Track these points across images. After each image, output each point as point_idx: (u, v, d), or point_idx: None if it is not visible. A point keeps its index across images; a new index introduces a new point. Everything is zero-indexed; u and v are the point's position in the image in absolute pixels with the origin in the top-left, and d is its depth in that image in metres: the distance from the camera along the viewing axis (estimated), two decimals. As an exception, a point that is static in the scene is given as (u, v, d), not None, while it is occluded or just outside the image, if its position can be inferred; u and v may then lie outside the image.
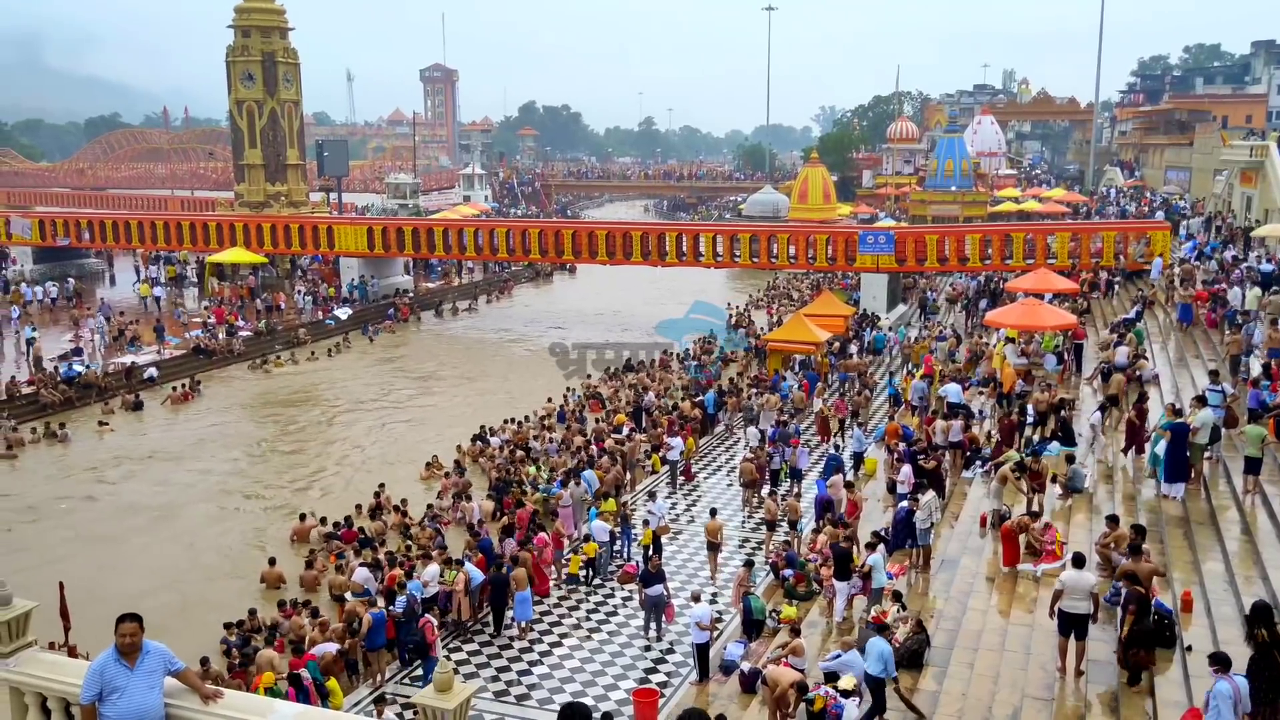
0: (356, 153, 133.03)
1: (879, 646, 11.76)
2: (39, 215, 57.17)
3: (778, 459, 24.15)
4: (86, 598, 16.80)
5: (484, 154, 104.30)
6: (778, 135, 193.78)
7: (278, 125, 55.09)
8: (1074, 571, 12.03)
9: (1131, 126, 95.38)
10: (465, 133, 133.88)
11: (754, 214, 73.22)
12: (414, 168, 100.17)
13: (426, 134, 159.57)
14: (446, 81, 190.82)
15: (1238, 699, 9.03)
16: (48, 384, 32.57)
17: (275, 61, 54.02)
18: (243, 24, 53.61)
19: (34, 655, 6.95)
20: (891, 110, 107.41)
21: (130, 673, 6.28)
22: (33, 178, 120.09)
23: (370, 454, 29.00)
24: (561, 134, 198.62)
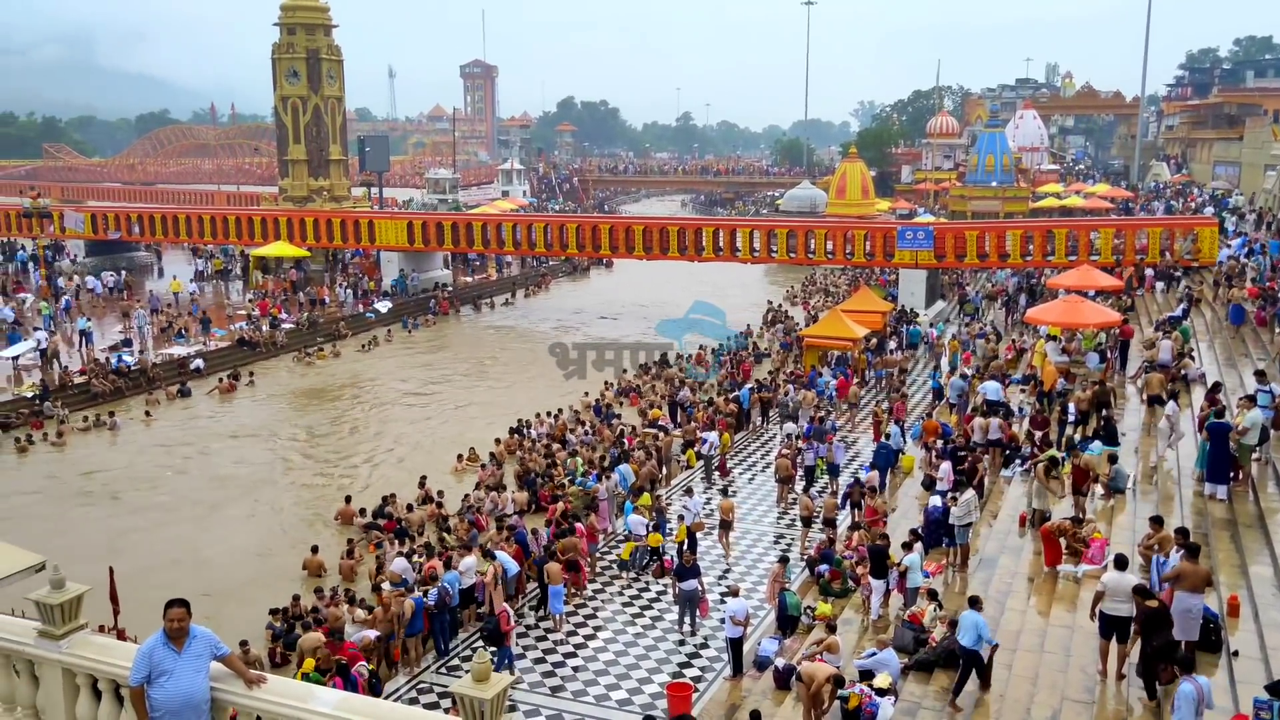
0: (397, 148, 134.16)
1: (971, 618, 11.88)
2: (91, 209, 58.40)
3: (812, 455, 24.09)
4: (134, 582, 17.18)
5: (522, 149, 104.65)
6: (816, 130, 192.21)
7: (321, 121, 55.71)
8: (1116, 573, 11.83)
9: (1179, 120, 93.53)
10: (504, 128, 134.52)
11: (791, 209, 73.02)
12: (453, 163, 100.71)
13: (466, 129, 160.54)
14: (486, 77, 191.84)
15: (1201, 698, 9.46)
16: (99, 374, 33.27)
17: (319, 58, 54.62)
18: (288, 21, 54.25)
19: (85, 638, 7.14)
20: (931, 105, 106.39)
21: (178, 656, 6.45)
22: (85, 173, 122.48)
23: (410, 445, 29.31)
24: (599, 129, 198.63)
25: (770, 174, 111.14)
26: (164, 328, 40.76)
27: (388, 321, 46.14)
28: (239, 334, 40.32)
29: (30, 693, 7.41)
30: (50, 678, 7.19)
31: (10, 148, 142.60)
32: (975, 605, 12.29)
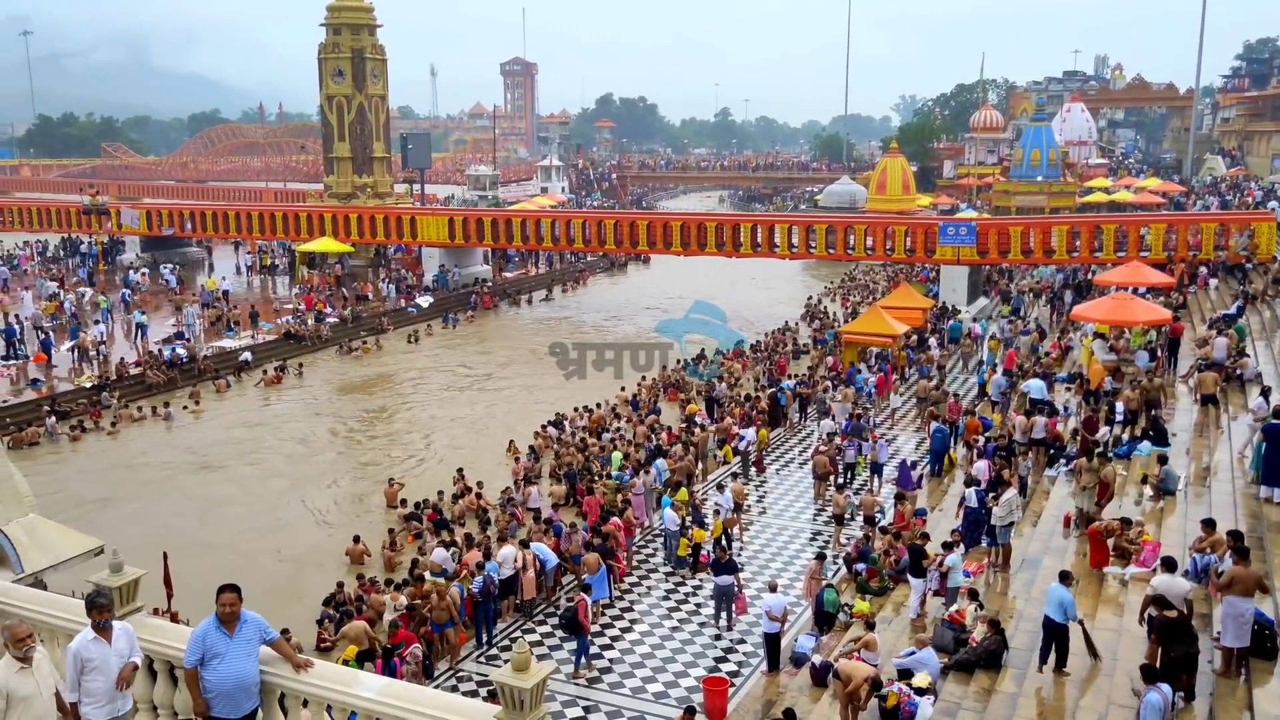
0: (439, 145, 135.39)
1: (1057, 593, 12.02)
2: (146, 207, 59.64)
3: (851, 453, 24.02)
4: (185, 567, 17.60)
5: (561, 146, 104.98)
6: (856, 125, 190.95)
7: (365, 119, 56.35)
8: (1166, 576, 11.60)
9: (1235, 112, 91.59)
10: (543, 125, 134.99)
11: (830, 205, 72.59)
12: (493, 160, 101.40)
13: (506, 127, 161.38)
14: (526, 75, 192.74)
15: (1166, 707, 9.66)
16: (153, 365, 34.03)
17: (364, 58, 55.24)
18: (334, 22, 54.93)
19: (142, 620, 7.39)
20: (975, 99, 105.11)
21: (229, 640, 6.67)
22: (141, 171, 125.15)
23: (451, 437, 29.65)
24: (638, 126, 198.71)
25: (809, 169, 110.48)
26: (214, 320, 41.56)
27: (429, 316, 46.63)
28: (285, 328, 40.96)
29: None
30: (108, 658, 7.43)
31: (71, 147, 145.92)
32: (1064, 580, 12.39)
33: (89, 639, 6.65)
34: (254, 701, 6.82)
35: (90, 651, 6.62)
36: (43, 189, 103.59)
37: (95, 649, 6.65)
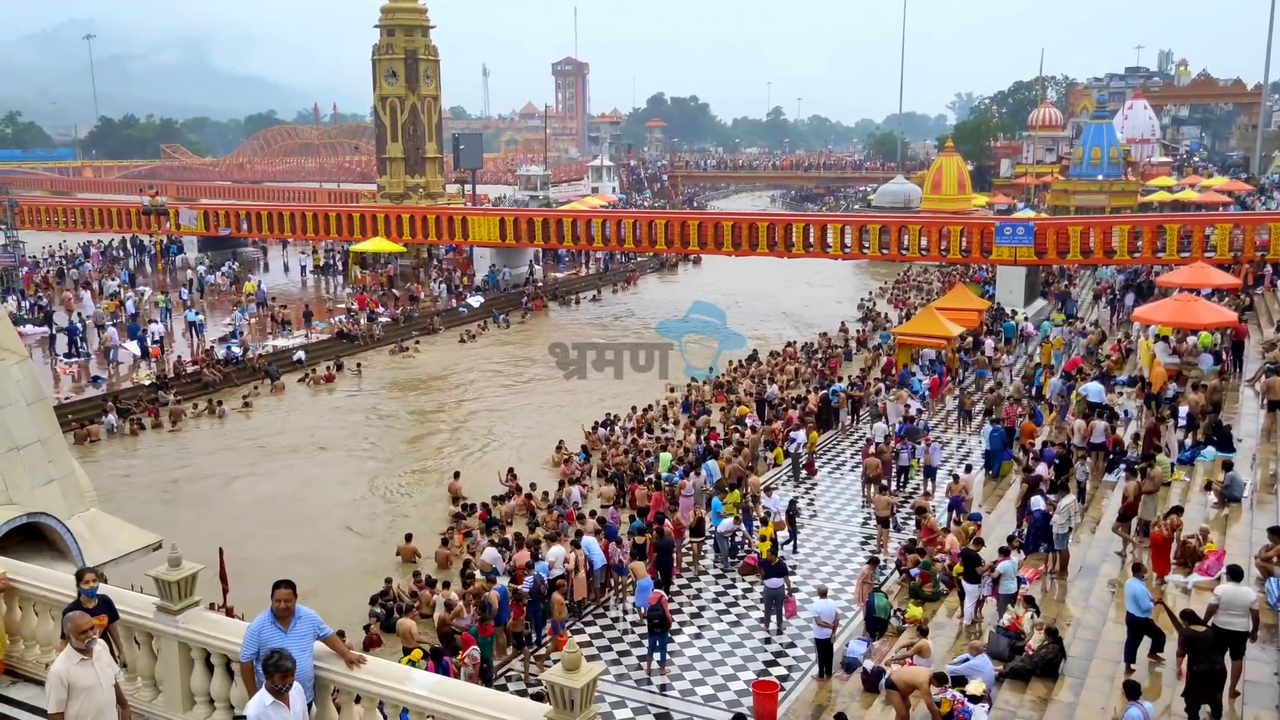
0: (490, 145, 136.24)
1: (1132, 587, 12.05)
2: (203, 207, 60.88)
3: (905, 455, 23.72)
4: (242, 561, 17.89)
5: (612, 146, 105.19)
6: (911, 124, 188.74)
7: (418, 120, 56.93)
8: (1232, 585, 11.24)
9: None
10: (594, 125, 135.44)
11: (884, 204, 71.87)
12: (544, 160, 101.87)
13: (557, 127, 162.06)
14: (577, 75, 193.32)
15: None
16: (209, 363, 34.68)
17: (417, 59, 55.81)
18: (388, 23, 55.58)
19: (199, 614, 7.50)
20: (1033, 96, 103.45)
21: (284, 635, 6.73)
22: (199, 172, 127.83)
23: (502, 436, 29.83)
24: (689, 125, 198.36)
25: (862, 168, 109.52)
26: (270, 319, 42.20)
27: (479, 316, 46.94)
28: (338, 327, 41.50)
29: (149, 664, 7.80)
30: (167, 650, 7.57)
31: (132, 148, 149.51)
32: (1137, 572, 12.48)
33: (266, 704, 6.24)
34: (308, 696, 6.88)
35: (269, 717, 6.24)
36: (104, 190, 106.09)
37: (275, 715, 6.26)
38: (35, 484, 10.97)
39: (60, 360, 34.77)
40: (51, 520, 10.66)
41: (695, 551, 19.41)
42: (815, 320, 46.06)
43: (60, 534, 10.71)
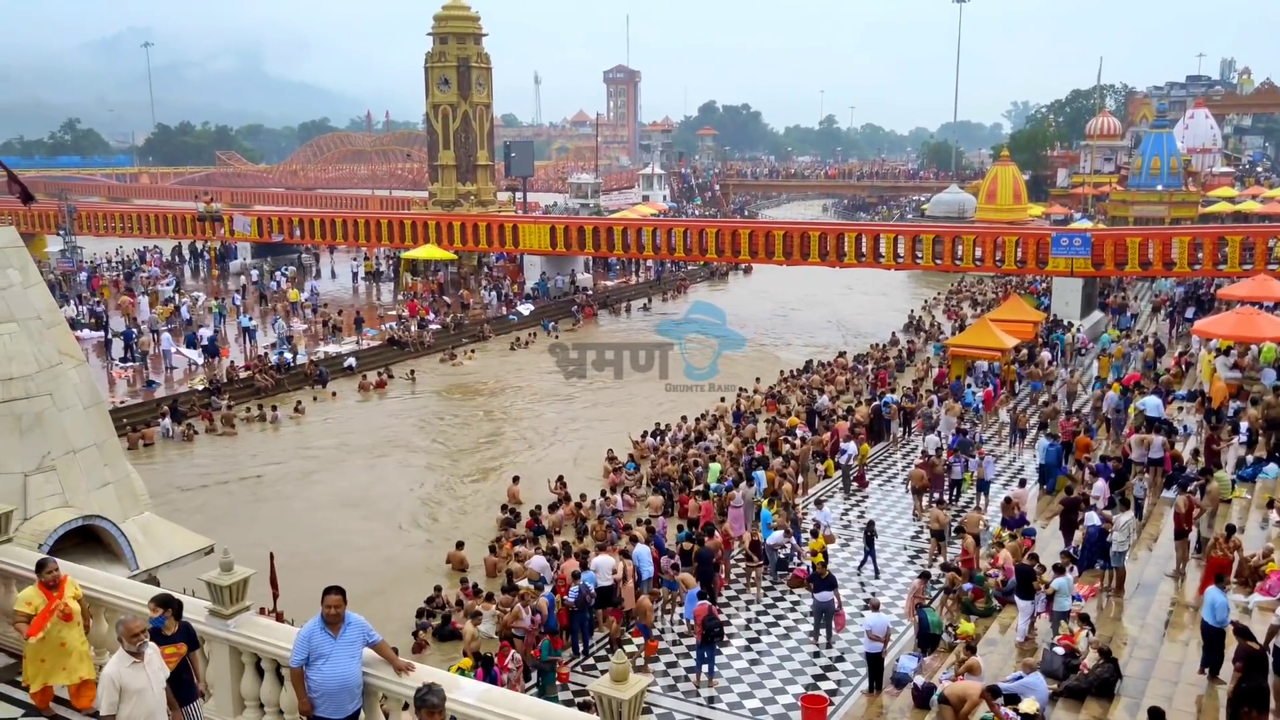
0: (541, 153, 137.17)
1: (1211, 595, 12.01)
2: (257, 213, 61.87)
3: (958, 468, 23.35)
4: (292, 566, 18.07)
5: (663, 154, 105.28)
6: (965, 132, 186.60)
7: (470, 127, 57.46)
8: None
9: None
10: (646, 133, 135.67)
11: (938, 214, 71.12)
12: (595, 168, 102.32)
13: (608, 134, 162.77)
14: (629, 82, 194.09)
15: None
16: (262, 369, 35.20)
17: (469, 67, 56.35)
18: (441, 31, 56.21)
19: (250, 619, 7.57)
20: (1091, 105, 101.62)
21: (334, 641, 6.76)
22: (253, 178, 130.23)
23: (550, 444, 29.90)
24: (741, 133, 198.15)
25: (916, 178, 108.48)
26: (321, 325, 42.71)
27: (529, 324, 47.13)
28: (389, 334, 41.92)
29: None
30: (218, 654, 7.64)
31: (188, 155, 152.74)
32: (1219, 583, 12.35)
33: None
34: (357, 703, 6.90)
35: None
36: (160, 196, 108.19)
37: None
38: (91, 487, 11.17)
39: (115, 364, 35.50)
40: (106, 523, 10.84)
41: (755, 576, 18.73)
42: (867, 330, 45.63)
43: (115, 537, 10.89)
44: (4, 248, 11.47)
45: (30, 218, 56.60)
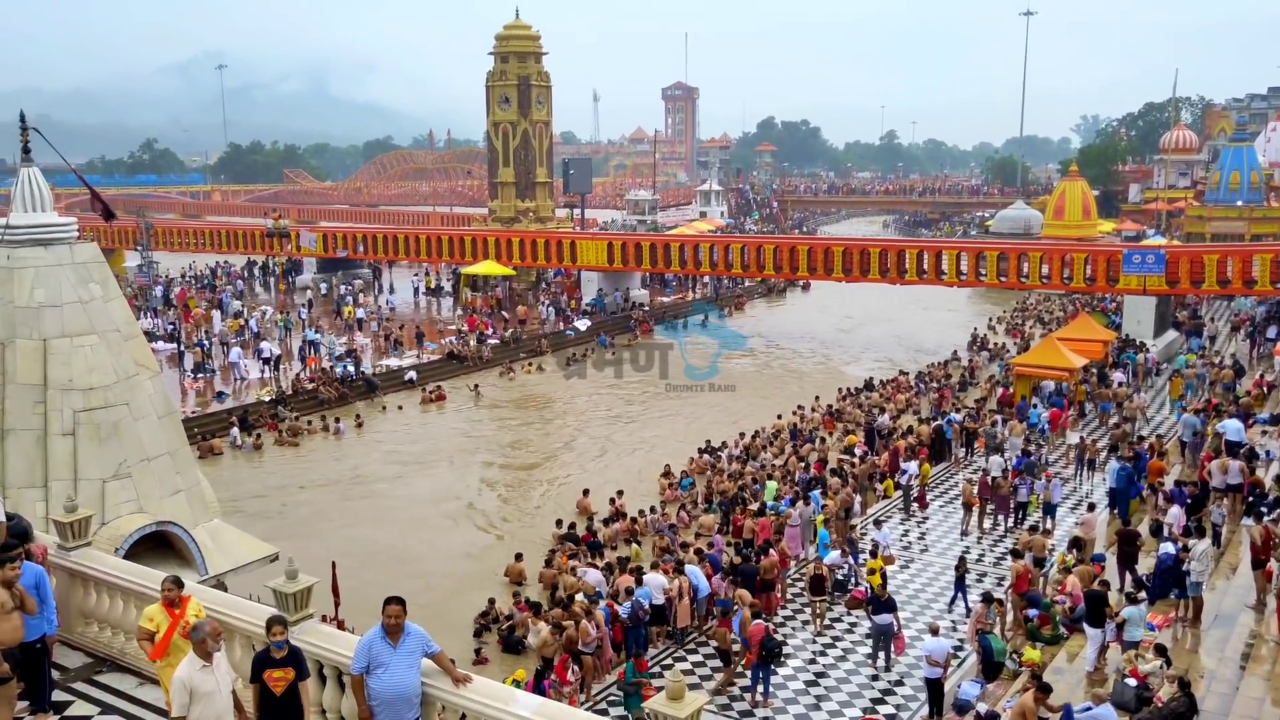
0: (599, 170, 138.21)
1: None
2: (322, 229, 63.13)
3: (1024, 491, 22.85)
4: (354, 575, 18.27)
5: (721, 170, 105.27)
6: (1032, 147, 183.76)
7: (529, 145, 58.04)
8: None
9: None
10: (703, 149, 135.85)
11: (1003, 230, 70.09)
12: (653, 184, 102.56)
13: (666, 151, 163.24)
14: (687, 99, 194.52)
15: None
16: (326, 381, 35.81)
17: (529, 85, 56.98)
18: (502, 50, 56.95)
19: (314, 626, 7.66)
20: (1165, 118, 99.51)
21: (393, 651, 6.82)
22: (318, 195, 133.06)
23: (607, 459, 29.92)
24: (800, 149, 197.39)
25: (980, 193, 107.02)
26: (383, 339, 43.35)
27: (585, 339, 47.30)
28: (448, 348, 42.39)
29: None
30: (283, 661, 7.70)
31: (257, 173, 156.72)
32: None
33: None
34: (415, 712, 6.94)
35: None
36: (230, 213, 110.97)
37: None
38: (164, 494, 11.46)
39: (187, 375, 36.40)
40: (178, 529, 11.10)
41: (818, 611, 18.01)
42: (932, 347, 45.02)
43: (186, 543, 11.15)
44: (86, 263, 11.88)
45: (110, 234, 58.41)
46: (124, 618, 9.24)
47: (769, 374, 42.14)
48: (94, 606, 9.56)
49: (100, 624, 9.57)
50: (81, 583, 9.59)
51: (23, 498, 10.85)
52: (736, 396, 37.31)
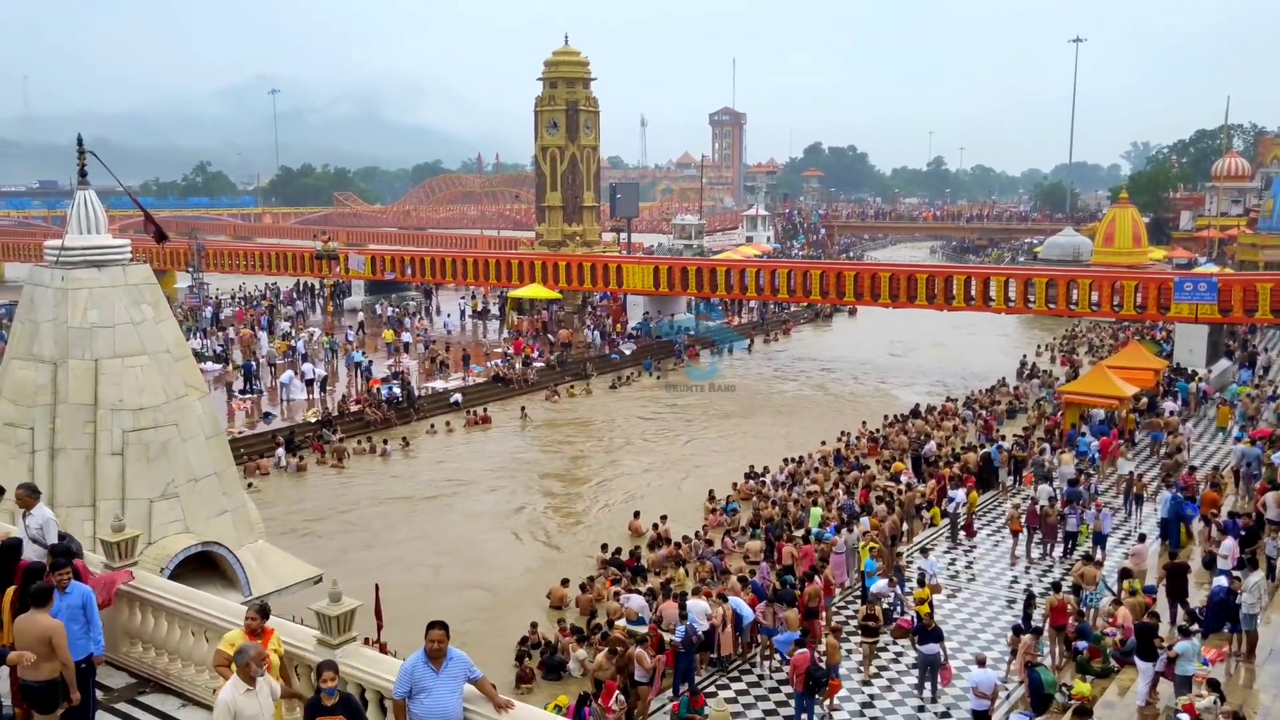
0: (646, 195, 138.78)
1: None
2: (371, 252, 63.95)
3: (1073, 521, 22.41)
4: (397, 598, 18.36)
5: (768, 195, 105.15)
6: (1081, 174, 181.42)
7: (577, 169, 58.46)
8: None
9: None
10: (750, 174, 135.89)
11: (1051, 257, 69.23)
12: (699, 209, 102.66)
13: (713, 176, 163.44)
14: (734, 125, 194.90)
15: None
16: (372, 404, 36.16)
17: (578, 110, 57.46)
18: (550, 76, 57.53)
19: (357, 649, 7.70)
20: (1217, 145, 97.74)
21: (436, 676, 6.83)
22: (368, 219, 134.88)
23: (652, 483, 29.86)
24: (846, 175, 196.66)
25: (1028, 220, 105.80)
26: (430, 361, 43.66)
27: (631, 363, 47.34)
28: (494, 371, 42.63)
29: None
30: (325, 683, 7.75)
31: (308, 196, 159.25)
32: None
33: None
34: (456, 738, 6.93)
35: None
36: (281, 235, 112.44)
37: None
38: (210, 514, 11.60)
39: (235, 396, 36.93)
40: (223, 550, 11.23)
41: (870, 654, 17.28)
42: (977, 374, 44.49)
43: (230, 563, 11.27)
44: (139, 284, 12.06)
45: (163, 255, 59.67)
46: (169, 638, 9.34)
47: (820, 398, 41.95)
48: (139, 627, 9.63)
49: (145, 644, 9.63)
50: (127, 603, 9.67)
51: (71, 516, 10.96)
52: (787, 421, 37.30)
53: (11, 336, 12.37)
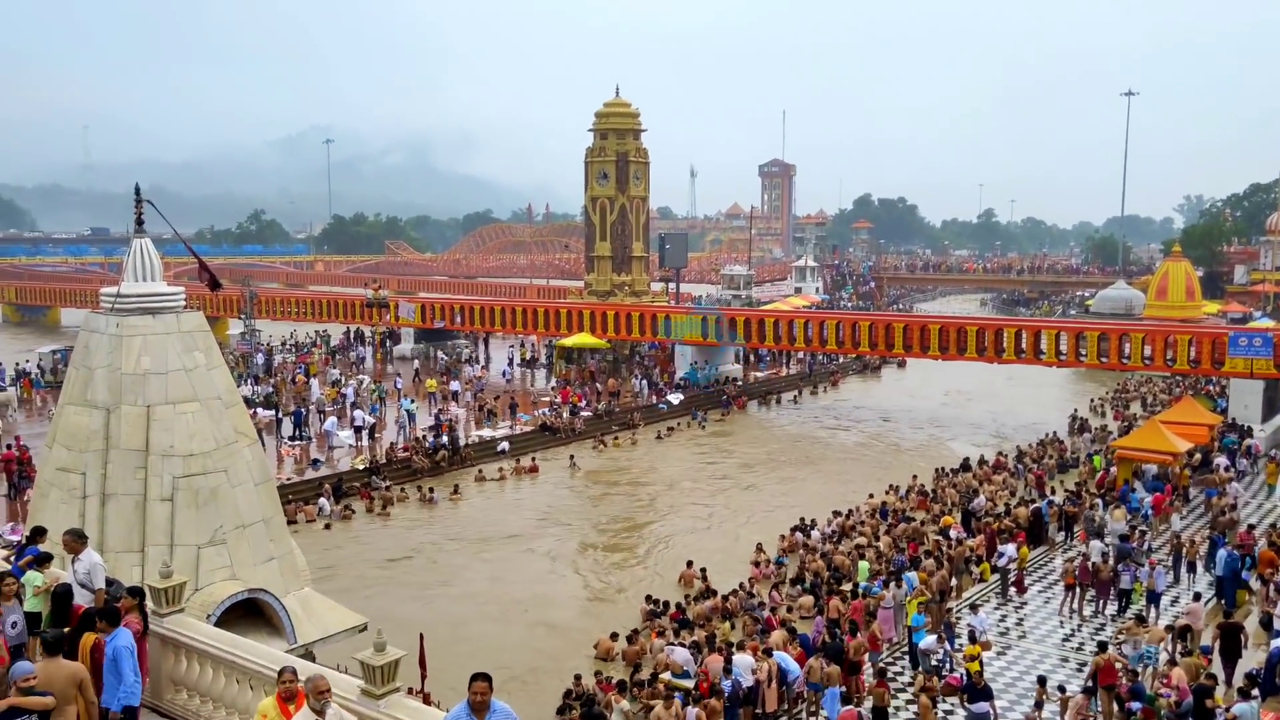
0: (695, 245, 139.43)
1: None
2: (421, 300, 64.92)
3: (1127, 578, 21.89)
4: (441, 648, 18.36)
5: (817, 246, 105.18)
6: (1133, 227, 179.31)
7: (626, 220, 59.02)
8: None
9: None
10: (799, 225, 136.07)
11: (1103, 310, 68.33)
12: (748, 260, 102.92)
13: (762, 227, 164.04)
14: (784, 176, 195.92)
15: None
16: (419, 451, 36.46)
17: (628, 161, 58.17)
18: (601, 127, 58.40)
19: (400, 700, 7.75)
20: (1272, 199, 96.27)
21: (479, 728, 6.84)
22: (419, 267, 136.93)
23: (696, 535, 29.68)
24: (896, 226, 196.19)
25: (1079, 273, 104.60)
26: (479, 409, 43.97)
27: (678, 413, 47.26)
28: (542, 419, 42.81)
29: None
30: (368, 733, 7.81)
31: (360, 244, 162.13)
32: None
33: None
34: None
35: None
36: (333, 283, 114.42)
37: None
38: (257, 561, 11.73)
39: (284, 442, 37.43)
40: (270, 597, 11.33)
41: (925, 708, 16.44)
42: (1028, 426, 43.84)
43: (276, 610, 11.36)
44: (191, 331, 12.30)
45: (215, 302, 61.07)
46: (213, 685, 9.38)
47: (874, 449, 41.58)
48: (184, 674, 9.65)
49: (190, 691, 9.66)
50: (174, 649, 9.73)
51: (120, 562, 11.05)
52: (840, 472, 36.97)
53: (66, 382, 12.57)
